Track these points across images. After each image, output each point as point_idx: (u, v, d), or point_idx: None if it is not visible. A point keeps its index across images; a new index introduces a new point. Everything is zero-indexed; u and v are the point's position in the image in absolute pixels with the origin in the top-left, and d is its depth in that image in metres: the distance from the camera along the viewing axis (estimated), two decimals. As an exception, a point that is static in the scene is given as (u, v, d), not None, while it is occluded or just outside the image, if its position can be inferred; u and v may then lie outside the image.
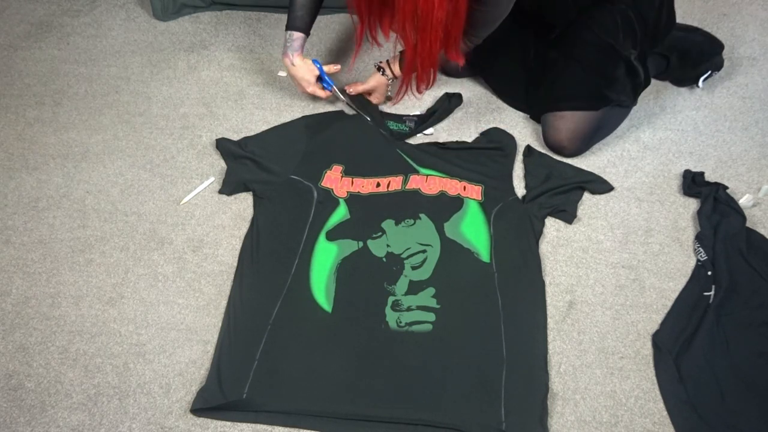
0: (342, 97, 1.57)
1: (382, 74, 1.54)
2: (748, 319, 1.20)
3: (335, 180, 1.41)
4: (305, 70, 1.50)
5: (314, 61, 1.51)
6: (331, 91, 1.55)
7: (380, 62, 1.55)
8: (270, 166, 1.43)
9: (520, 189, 1.43)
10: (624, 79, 1.46)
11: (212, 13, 1.93)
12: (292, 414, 1.07)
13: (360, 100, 1.59)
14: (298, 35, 1.47)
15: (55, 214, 1.38)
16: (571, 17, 1.45)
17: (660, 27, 1.51)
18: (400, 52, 1.48)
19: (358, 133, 1.54)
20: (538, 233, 1.33)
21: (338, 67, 1.54)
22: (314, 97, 1.65)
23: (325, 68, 1.52)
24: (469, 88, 1.69)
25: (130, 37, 1.85)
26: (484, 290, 1.22)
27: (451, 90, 1.69)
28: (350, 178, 1.41)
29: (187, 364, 1.14)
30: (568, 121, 1.45)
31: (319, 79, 1.53)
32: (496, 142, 1.51)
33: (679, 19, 1.90)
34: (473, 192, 1.39)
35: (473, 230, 1.32)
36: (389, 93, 1.59)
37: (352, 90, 1.56)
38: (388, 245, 1.29)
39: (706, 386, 1.11)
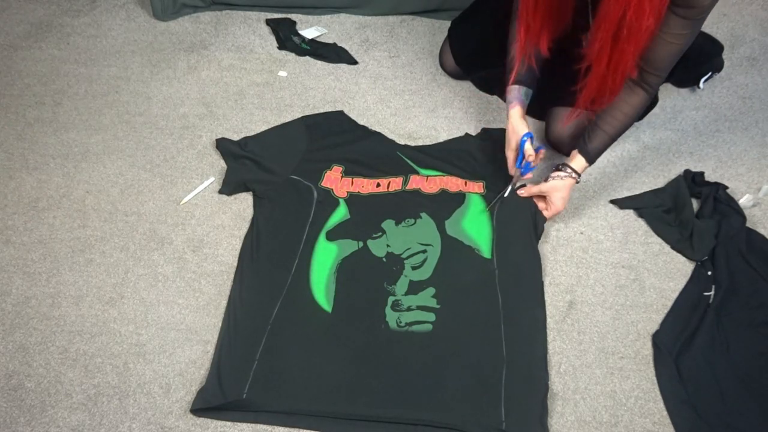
0: (508, 190, 1.35)
1: (563, 172, 1.32)
2: (748, 319, 1.20)
3: (335, 180, 1.41)
4: (511, 129, 1.32)
5: (527, 134, 1.29)
6: (521, 174, 1.33)
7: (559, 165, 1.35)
8: (270, 166, 1.43)
9: (520, 189, 1.43)
10: None
11: (212, 13, 1.92)
12: (292, 414, 1.07)
13: None
14: (511, 87, 1.34)
15: (55, 214, 1.38)
16: None
17: (695, 55, 1.43)
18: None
19: (358, 134, 1.54)
20: (540, 231, 1.33)
21: (539, 157, 1.31)
22: (315, 100, 1.65)
23: (527, 147, 1.29)
24: (469, 89, 1.69)
25: (130, 37, 1.85)
26: (484, 290, 1.22)
27: (451, 92, 1.69)
28: (350, 179, 1.41)
29: (187, 364, 1.14)
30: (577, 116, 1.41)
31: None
32: (497, 141, 1.51)
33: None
34: (475, 187, 1.39)
35: (475, 225, 1.32)
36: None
37: (525, 192, 1.36)
38: (388, 245, 1.29)
39: (706, 386, 1.11)
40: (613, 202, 1.41)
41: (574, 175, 1.31)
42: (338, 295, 1.21)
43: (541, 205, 1.35)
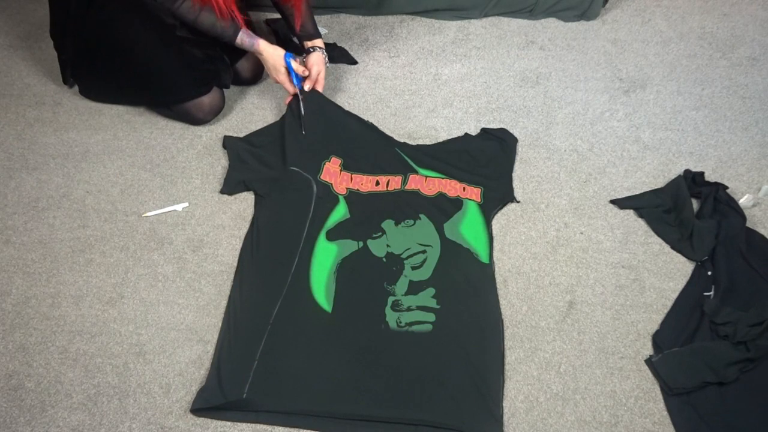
0: (301, 105, 1.50)
1: (315, 52, 1.53)
2: (748, 319, 1.20)
3: (334, 174, 1.41)
4: (271, 56, 1.47)
5: (286, 54, 1.47)
6: (299, 89, 1.50)
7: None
8: (271, 159, 1.43)
9: (519, 189, 1.43)
10: None
11: (212, 13, 1.92)
12: (292, 414, 1.07)
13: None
14: (240, 34, 1.43)
15: (55, 214, 1.38)
16: None
17: None
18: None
19: (357, 129, 1.53)
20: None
21: (307, 72, 1.50)
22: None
23: (294, 66, 1.47)
24: (467, 88, 1.69)
25: (130, 37, 1.85)
26: (483, 290, 1.22)
27: (450, 92, 1.69)
28: (349, 174, 1.41)
29: (187, 364, 1.14)
30: None
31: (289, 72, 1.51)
32: (498, 141, 1.51)
33: (679, 20, 1.91)
34: (472, 194, 1.39)
35: (472, 231, 1.32)
36: (327, 65, 1.57)
37: (308, 86, 1.52)
38: (388, 245, 1.29)
39: (707, 386, 1.11)
40: (613, 202, 1.41)
41: (324, 52, 1.54)
42: (338, 295, 1.21)
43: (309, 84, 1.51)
